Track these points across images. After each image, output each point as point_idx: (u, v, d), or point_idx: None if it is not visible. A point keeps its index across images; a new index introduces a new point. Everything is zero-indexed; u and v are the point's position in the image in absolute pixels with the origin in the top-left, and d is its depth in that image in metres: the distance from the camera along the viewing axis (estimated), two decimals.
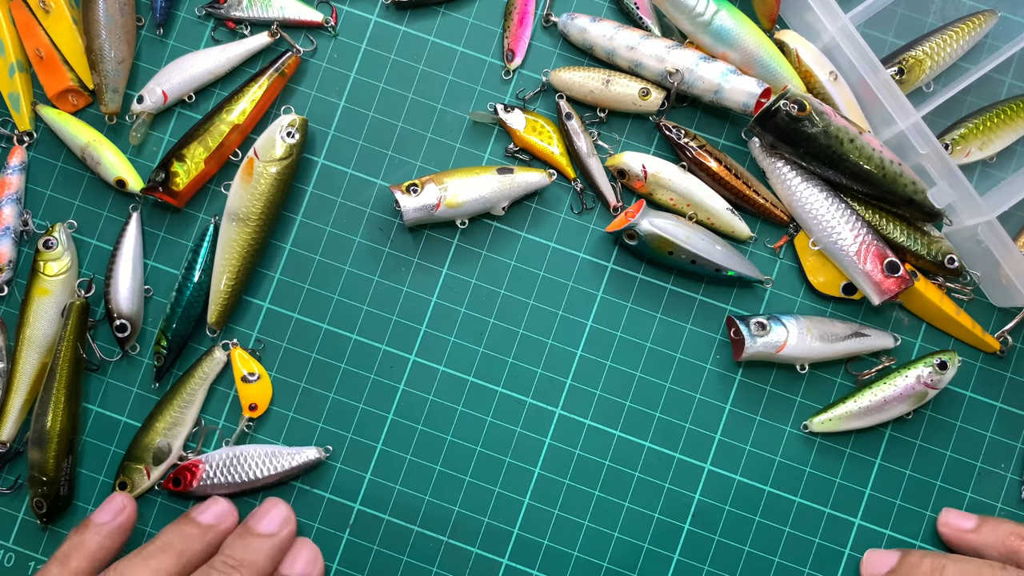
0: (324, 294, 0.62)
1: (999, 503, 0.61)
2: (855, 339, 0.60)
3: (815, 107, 0.58)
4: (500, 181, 0.60)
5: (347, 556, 0.61)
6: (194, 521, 0.57)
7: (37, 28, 0.63)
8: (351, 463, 0.61)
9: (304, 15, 0.63)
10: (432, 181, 0.60)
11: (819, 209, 0.60)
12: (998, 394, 0.62)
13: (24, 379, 0.61)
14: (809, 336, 0.60)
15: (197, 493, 0.60)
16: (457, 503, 0.61)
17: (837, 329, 0.60)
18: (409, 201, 0.60)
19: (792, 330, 0.59)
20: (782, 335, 0.59)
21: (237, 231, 0.60)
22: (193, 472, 0.60)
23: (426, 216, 0.60)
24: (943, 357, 0.60)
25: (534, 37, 0.64)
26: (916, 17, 0.65)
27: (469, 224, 0.62)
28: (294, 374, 0.62)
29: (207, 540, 0.56)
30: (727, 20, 0.60)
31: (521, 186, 0.61)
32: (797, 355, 0.60)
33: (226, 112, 0.61)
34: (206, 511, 0.58)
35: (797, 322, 0.60)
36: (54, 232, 0.61)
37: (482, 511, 0.61)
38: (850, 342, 0.60)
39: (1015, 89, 0.65)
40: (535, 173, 0.61)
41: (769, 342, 0.59)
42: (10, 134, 0.63)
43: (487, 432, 0.61)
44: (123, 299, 0.61)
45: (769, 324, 0.59)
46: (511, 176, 0.60)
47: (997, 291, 0.62)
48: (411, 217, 0.60)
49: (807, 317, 0.60)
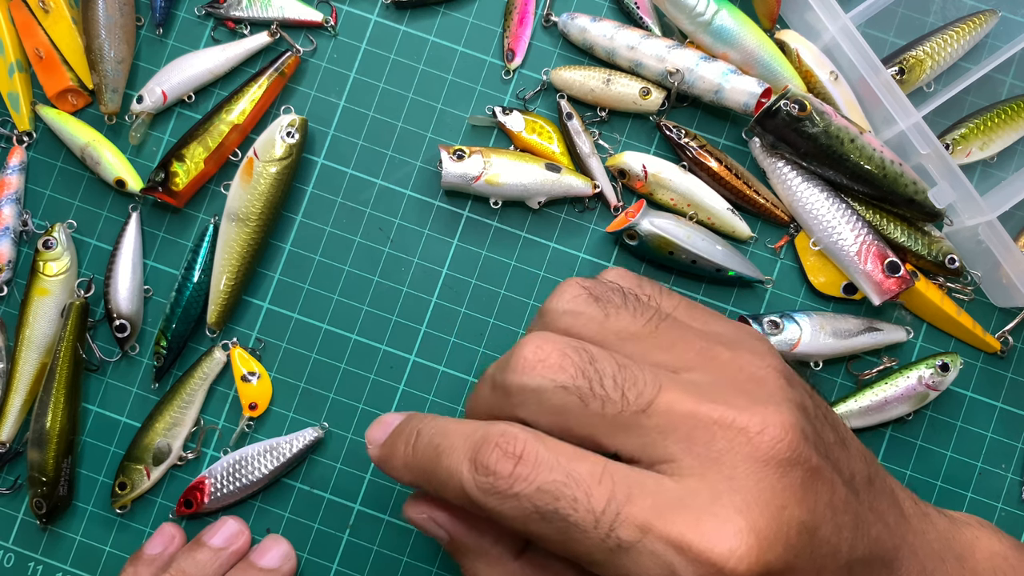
0: (324, 294, 0.62)
1: (999, 503, 0.61)
2: (868, 334, 0.60)
3: (816, 107, 0.58)
4: (545, 176, 0.60)
5: (347, 556, 0.61)
6: (206, 545, 0.58)
7: (36, 28, 0.63)
8: (351, 463, 0.61)
9: (304, 15, 0.63)
10: (480, 153, 0.60)
11: (820, 209, 0.60)
12: (999, 394, 0.62)
13: (24, 379, 0.61)
14: (823, 333, 0.60)
15: (211, 508, 0.60)
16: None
17: (849, 325, 0.60)
18: (452, 165, 0.60)
19: (805, 327, 0.59)
20: (795, 333, 0.59)
21: (237, 231, 0.60)
22: (201, 490, 0.60)
23: (463, 184, 0.60)
24: (945, 359, 0.60)
25: (534, 37, 0.64)
26: (917, 17, 0.65)
27: (469, 224, 0.62)
28: (294, 374, 0.62)
29: (219, 563, 0.57)
30: (727, 20, 0.60)
31: (563, 187, 0.61)
32: (811, 352, 0.59)
33: (226, 112, 0.61)
34: (216, 534, 0.59)
35: (810, 319, 0.60)
36: (54, 232, 0.61)
37: None
38: (863, 337, 0.60)
39: (1016, 89, 0.65)
40: (580, 180, 0.61)
41: (783, 340, 0.59)
42: (9, 134, 0.63)
43: None
44: (123, 299, 0.60)
45: (782, 322, 0.59)
46: (557, 175, 0.60)
47: (998, 291, 0.62)
48: (449, 181, 0.60)
49: (818, 313, 0.60)
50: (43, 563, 0.61)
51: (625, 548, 0.38)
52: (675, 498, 0.39)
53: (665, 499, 0.39)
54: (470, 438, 0.41)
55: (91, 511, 0.61)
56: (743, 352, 0.45)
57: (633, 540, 0.38)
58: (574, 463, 0.39)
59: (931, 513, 0.50)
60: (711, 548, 0.37)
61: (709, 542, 0.37)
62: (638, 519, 0.38)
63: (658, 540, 0.38)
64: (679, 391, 0.41)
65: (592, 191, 0.61)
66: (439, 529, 0.46)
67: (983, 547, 0.50)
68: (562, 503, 0.38)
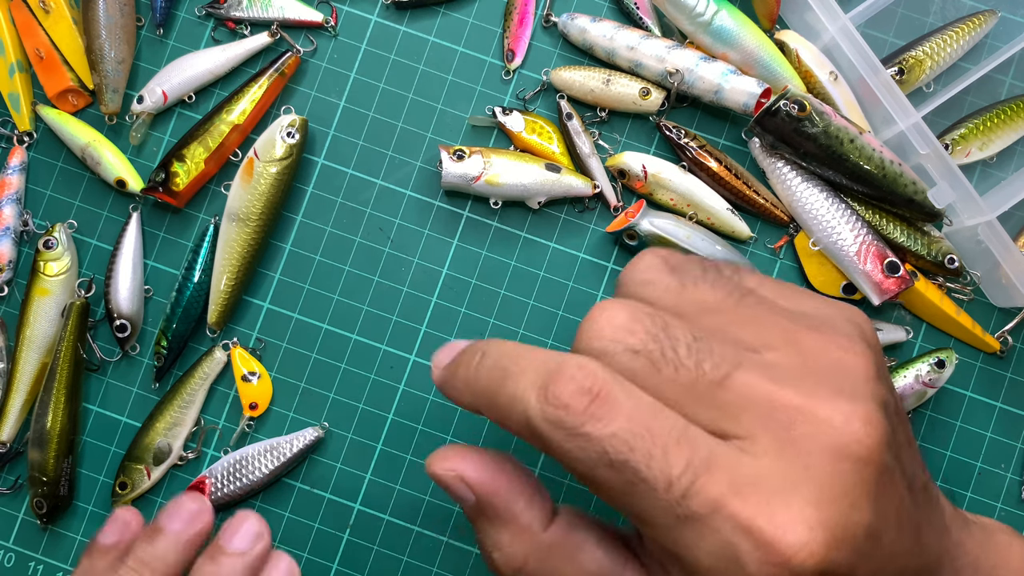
0: (324, 294, 0.62)
1: (999, 503, 0.61)
2: None
3: (815, 107, 0.58)
4: (545, 176, 0.60)
5: (347, 556, 0.61)
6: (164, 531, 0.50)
7: (37, 28, 0.63)
8: (351, 463, 0.61)
9: (304, 15, 0.63)
10: (480, 153, 0.60)
11: (819, 209, 0.60)
12: (998, 394, 0.62)
13: (24, 379, 0.61)
14: None
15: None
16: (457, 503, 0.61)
17: None
18: (452, 165, 0.60)
19: None
20: None
21: (237, 231, 0.60)
22: (202, 490, 0.60)
23: (463, 185, 0.60)
24: (940, 356, 0.60)
25: (534, 37, 0.64)
26: (916, 17, 0.65)
27: (469, 224, 0.62)
28: (294, 374, 0.62)
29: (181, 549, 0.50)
30: (727, 20, 0.60)
31: (563, 187, 0.61)
32: None
33: (226, 112, 0.61)
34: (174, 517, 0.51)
35: None
36: (54, 232, 0.61)
37: None
38: None
39: (1015, 89, 0.65)
40: (580, 180, 0.61)
41: None
42: (10, 134, 0.63)
43: (488, 432, 0.61)
44: (123, 299, 0.61)
45: None
46: (557, 175, 0.60)
47: (997, 291, 0.62)
48: (449, 181, 0.60)
49: None
50: (44, 563, 0.61)
51: (693, 519, 0.35)
52: (750, 477, 0.36)
53: (741, 476, 0.36)
54: (544, 365, 0.38)
55: (91, 511, 0.62)
56: (832, 335, 0.41)
57: (704, 513, 0.35)
58: (654, 416, 0.36)
59: (968, 520, 0.48)
60: (781, 537, 0.35)
61: (780, 530, 0.35)
62: (712, 492, 0.35)
63: (728, 519, 0.35)
64: (758, 372, 0.38)
65: (592, 191, 0.61)
66: (466, 489, 0.42)
67: (1016, 555, 0.48)
68: (636, 455, 0.36)
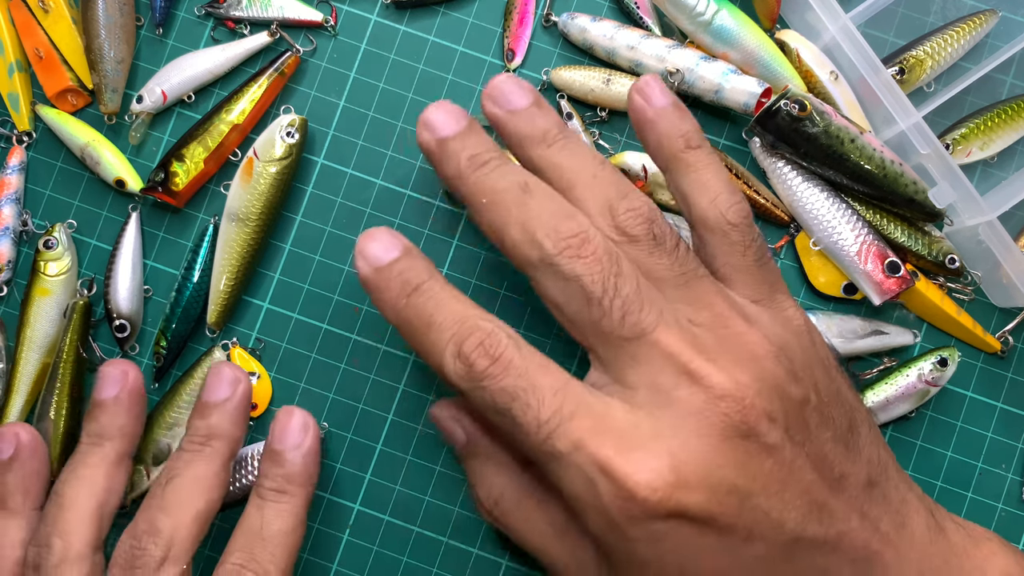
0: (324, 294, 0.62)
1: (999, 503, 0.61)
2: (875, 337, 0.60)
3: (816, 107, 0.58)
4: None
5: (347, 556, 0.61)
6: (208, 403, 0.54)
7: (36, 28, 0.63)
8: (351, 463, 0.61)
9: (304, 15, 0.63)
10: None
11: (820, 209, 0.60)
12: (999, 394, 0.62)
13: (25, 379, 0.61)
14: (829, 334, 0.59)
15: None
16: (457, 503, 0.61)
17: (855, 326, 0.60)
18: None
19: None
20: None
21: (237, 231, 0.60)
22: None
23: None
24: (943, 354, 0.60)
25: (534, 37, 0.64)
26: (917, 17, 0.65)
27: (469, 225, 0.62)
28: (294, 374, 0.62)
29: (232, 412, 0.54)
30: (728, 20, 0.60)
31: None
32: None
33: (225, 112, 0.61)
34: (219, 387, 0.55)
35: (816, 320, 0.60)
36: (54, 232, 0.61)
37: None
38: (870, 339, 0.60)
39: (1016, 89, 0.65)
40: None
41: None
42: (9, 134, 0.63)
43: None
44: (122, 299, 0.61)
45: None
46: None
47: (998, 291, 0.62)
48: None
49: (825, 314, 0.60)
50: None
51: (556, 456, 0.42)
52: (617, 425, 0.43)
53: (606, 424, 0.43)
54: (462, 325, 0.45)
55: None
56: (758, 327, 0.46)
57: (564, 451, 0.42)
58: (540, 374, 0.44)
59: (948, 528, 0.51)
60: (630, 474, 0.41)
61: (631, 468, 0.41)
62: (573, 435, 0.42)
63: (586, 457, 0.42)
64: (676, 333, 0.44)
65: None
66: (459, 430, 0.53)
67: (996, 566, 0.50)
68: (516, 404, 0.43)
